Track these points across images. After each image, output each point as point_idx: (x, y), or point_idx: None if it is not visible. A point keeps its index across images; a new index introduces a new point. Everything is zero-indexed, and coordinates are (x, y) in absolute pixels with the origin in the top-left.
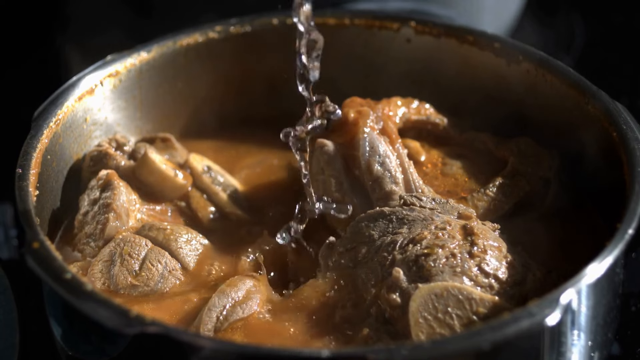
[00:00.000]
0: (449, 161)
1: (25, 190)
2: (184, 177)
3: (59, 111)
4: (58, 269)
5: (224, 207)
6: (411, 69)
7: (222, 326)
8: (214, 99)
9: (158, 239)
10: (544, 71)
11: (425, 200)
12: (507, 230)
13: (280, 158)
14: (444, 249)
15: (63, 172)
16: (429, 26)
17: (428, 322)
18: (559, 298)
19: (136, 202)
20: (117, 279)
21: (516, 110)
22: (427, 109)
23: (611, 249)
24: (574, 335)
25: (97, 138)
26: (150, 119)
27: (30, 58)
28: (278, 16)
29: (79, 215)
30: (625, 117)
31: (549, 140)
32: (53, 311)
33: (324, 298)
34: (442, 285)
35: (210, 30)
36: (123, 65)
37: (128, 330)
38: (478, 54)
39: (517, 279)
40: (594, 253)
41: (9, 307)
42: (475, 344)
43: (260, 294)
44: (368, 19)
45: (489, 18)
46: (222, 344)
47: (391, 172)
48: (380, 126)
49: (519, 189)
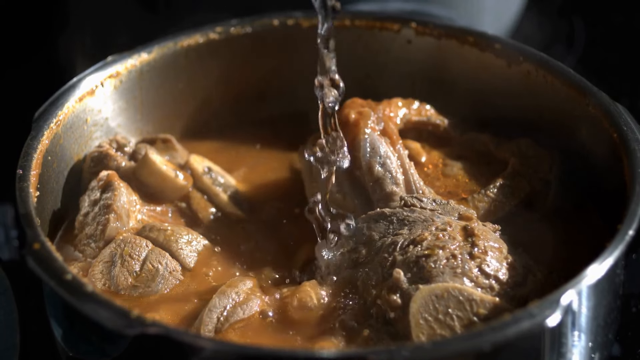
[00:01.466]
0: (450, 162)
1: (25, 191)
2: (184, 178)
3: (59, 112)
4: (59, 270)
5: (225, 207)
6: (412, 69)
7: (223, 327)
8: (215, 99)
9: (158, 240)
10: (544, 72)
11: (426, 202)
12: (507, 232)
13: (281, 159)
14: (445, 250)
15: (64, 173)
16: (429, 27)
17: (429, 323)
18: (560, 299)
19: (137, 203)
20: (117, 280)
21: (516, 111)
22: (427, 110)
23: (612, 250)
24: (575, 336)
25: (97, 139)
26: (151, 119)
27: (31, 59)
28: (279, 17)
29: (80, 216)
30: (625, 118)
31: (549, 141)
32: (53, 312)
33: (325, 299)
34: (443, 287)
35: (211, 31)
36: (124, 66)
37: (128, 331)
38: (479, 55)
39: (517, 280)
40: (595, 254)
41: (9, 307)
42: (476, 345)
43: (260, 294)
44: (369, 20)
45: (489, 19)
46: (222, 345)
47: (392, 173)
48: (381, 127)
49: (519, 190)
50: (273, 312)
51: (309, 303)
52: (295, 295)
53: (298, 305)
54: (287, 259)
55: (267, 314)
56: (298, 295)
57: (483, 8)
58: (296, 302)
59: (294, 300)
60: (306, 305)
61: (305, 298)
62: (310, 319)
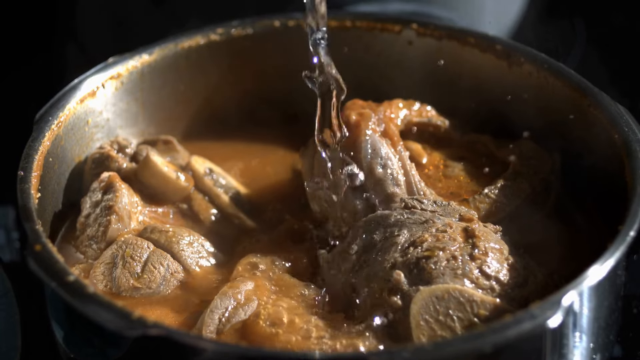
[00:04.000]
0: (451, 163)
1: (27, 192)
2: (185, 179)
3: (60, 114)
4: (60, 272)
5: (226, 209)
6: (413, 71)
7: (224, 328)
8: (216, 101)
9: (160, 242)
10: (545, 73)
11: (427, 203)
12: (508, 233)
13: (282, 160)
14: (445, 251)
15: (65, 174)
16: (430, 28)
17: (429, 325)
18: (561, 300)
19: (138, 204)
20: (119, 282)
21: (517, 112)
22: (428, 111)
23: (613, 251)
24: (576, 338)
25: (98, 140)
26: (152, 121)
27: (32, 61)
28: (279, 18)
29: (81, 218)
30: (626, 119)
31: (550, 142)
32: (55, 313)
33: (325, 300)
34: (444, 288)
35: (212, 33)
36: (125, 68)
37: (130, 333)
38: (480, 56)
39: (518, 281)
40: (596, 255)
41: (11, 309)
42: (477, 346)
43: (262, 295)
44: (370, 21)
45: (490, 20)
46: (224, 347)
47: (393, 175)
48: (382, 128)
49: (520, 191)
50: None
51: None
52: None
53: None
54: (288, 259)
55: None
56: (299, 296)
57: (484, 9)
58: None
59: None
60: (307, 306)
61: (306, 299)
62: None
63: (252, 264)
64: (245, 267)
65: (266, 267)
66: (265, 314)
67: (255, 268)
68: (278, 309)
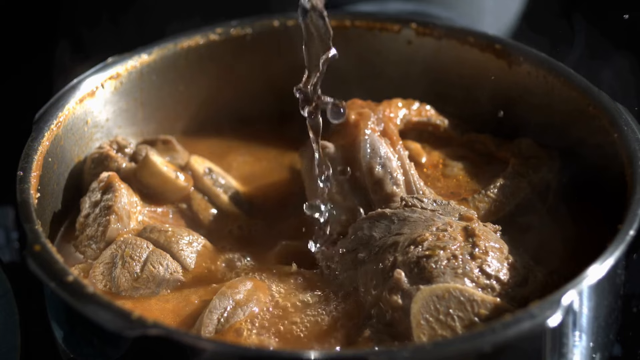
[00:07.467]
0: (450, 163)
1: (26, 192)
2: (185, 179)
3: (60, 114)
4: (59, 272)
5: (226, 208)
6: (412, 70)
7: (223, 328)
8: (215, 100)
9: (159, 241)
10: (544, 72)
11: (427, 202)
12: (508, 232)
13: (282, 159)
14: (445, 250)
15: (64, 174)
16: (429, 28)
17: (430, 324)
18: (561, 299)
19: (137, 204)
20: (118, 281)
21: (517, 112)
22: (427, 110)
23: (612, 250)
24: (576, 337)
25: (98, 140)
26: (152, 120)
27: (31, 61)
28: (279, 18)
29: (81, 218)
30: (626, 118)
31: (550, 142)
32: (54, 314)
33: (325, 300)
34: (444, 287)
35: (211, 32)
36: (124, 68)
37: (129, 333)
38: (479, 56)
39: (518, 280)
40: (595, 254)
41: (10, 309)
42: (477, 345)
43: (261, 295)
44: (369, 20)
45: (489, 19)
46: (223, 346)
47: (392, 174)
48: (381, 128)
49: (520, 190)
50: (273, 313)
51: (309, 304)
52: (295, 295)
53: (298, 306)
54: (288, 260)
55: (268, 315)
56: (298, 296)
57: (483, 8)
58: (296, 303)
59: (294, 301)
60: (307, 306)
61: (305, 299)
62: (310, 320)
63: (251, 263)
64: (245, 267)
65: (265, 267)
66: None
67: (255, 268)
68: (277, 310)
